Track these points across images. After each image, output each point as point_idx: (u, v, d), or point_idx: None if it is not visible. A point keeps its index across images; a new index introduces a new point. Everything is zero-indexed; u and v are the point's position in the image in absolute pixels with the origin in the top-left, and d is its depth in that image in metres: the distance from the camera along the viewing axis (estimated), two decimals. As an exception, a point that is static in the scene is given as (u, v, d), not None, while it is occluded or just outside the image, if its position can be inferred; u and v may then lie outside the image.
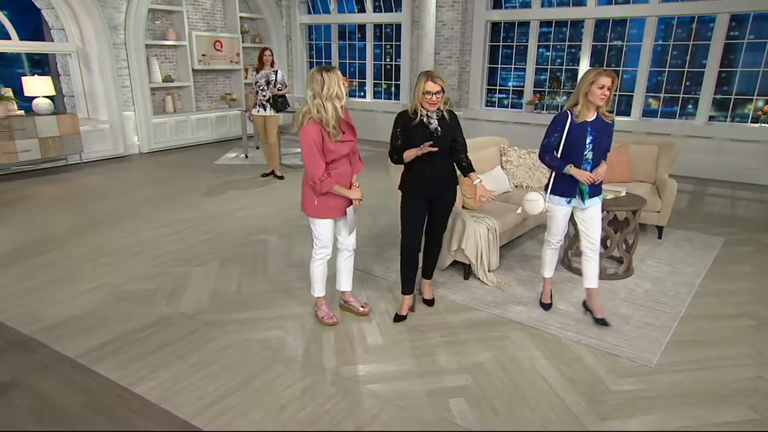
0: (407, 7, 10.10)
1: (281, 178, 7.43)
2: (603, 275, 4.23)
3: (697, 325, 3.55)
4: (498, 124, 9.49)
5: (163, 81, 9.53)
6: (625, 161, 5.48)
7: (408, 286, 3.56)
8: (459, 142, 3.37)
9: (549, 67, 9.52)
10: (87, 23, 8.38)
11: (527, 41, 9.50)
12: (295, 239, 5.04)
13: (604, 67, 3.35)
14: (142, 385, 2.79)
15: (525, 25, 9.49)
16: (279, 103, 7.22)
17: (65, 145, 7.76)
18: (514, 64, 9.76)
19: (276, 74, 7.14)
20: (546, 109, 9.46)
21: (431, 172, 3.34)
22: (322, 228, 3.28)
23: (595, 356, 3.17)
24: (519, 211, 3.73)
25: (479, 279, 4.12)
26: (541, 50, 9.59)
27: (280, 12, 11.55)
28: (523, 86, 9.68)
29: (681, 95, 8.47)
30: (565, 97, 9.40)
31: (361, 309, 3.63)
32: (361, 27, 11.18)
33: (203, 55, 9.94)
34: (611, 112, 3.34)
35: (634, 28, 8.70)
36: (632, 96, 8.71)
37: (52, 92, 7.75)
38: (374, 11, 10.82)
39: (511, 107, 9.96)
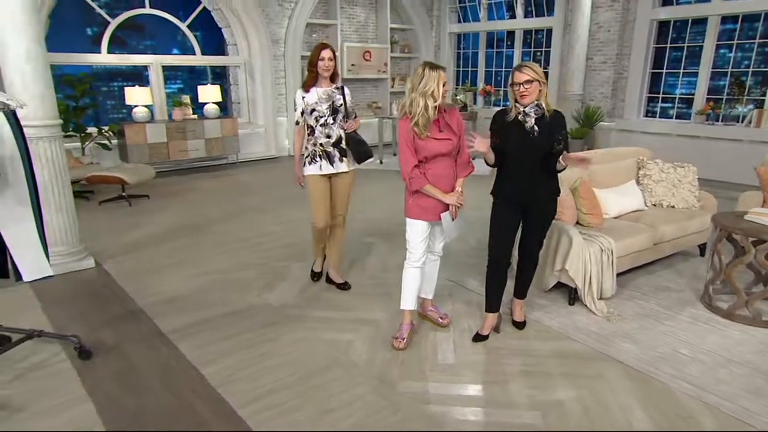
0: (560, 10, 9.44)
1: (345, 286, 3.98)
2: (758, 321, 3.40)
3: None
4: (657, 136, 8.32)
5: (314, 90, 10.22)
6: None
7: (493, 303, 3.23)
8: (557, 148, 2.94)
9: (730, 70, 8.08)
10: (254, 38, 9.36)
11: (703, 41, 8.20)
12: (399, 244, 4.94)
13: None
14: (209, 367, 2.92)
15: (701, 22, 8.21)
16: (359, 145, 3.71)
17: (225, 145, 8.74)
18: (684, 69, 8.50)
19: (343, 93, 3.69)
20: (721, 120, 8.04)
21: (525, 176, 2.99)
22: (412, 229, 3.13)
23: (717, 419, 2.51)
24: None
25: (586, 306, 3.58)
26: (721, 51, 8.20)
27: (430, 22, 11.66)
28: (693, 94, 8.37)
29: None
30: (751, 106, 7.89)
31: (440, 320, 3.39)
32: (511, 34, 10.75)
33: (352, 65, 10.45)
34: None
35: None
36: None
37: (219, 99, 8.82)
38: (525, 16, 10.32)
39: (677, 118, 8.68)
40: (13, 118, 2.88)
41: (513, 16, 10.55)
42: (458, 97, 9.42)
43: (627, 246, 3.76)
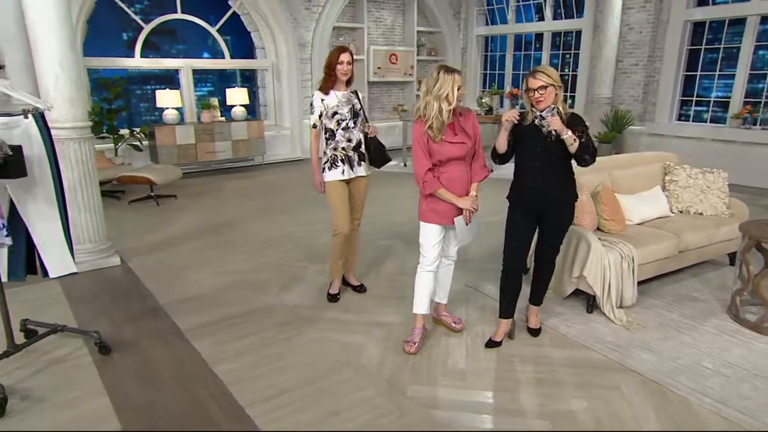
0: (590, 11, 9.26)
1: (360, 289, 4.00)
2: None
3: None
4: (690, 141, 8.06)
5: (340, 92, 10.29)
6: None
7: (506, 309, 3.19)
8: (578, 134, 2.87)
9: (769, 72, 7.78)
10: (281, 42, 9.50)
11: (741, 42, 7.90)
12: (418, 247, 4.93)
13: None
14: (223, 365, 2.97)
15: (739, 23, 7.92)
16: (381, 148, 3.71)
17: (251, 147, 8.88)
18: (720, 71, 8.21)
19: (359, 98, 3.66)
20: (758, 124, 7.74)
21: (541, 181, 2.95)
22: (426, 233, 3.11)
23: (737, 436, 2.42)
24: None
25: (605, 314, 3.49)
26: (761, 52, 7.89)
27: (458, 25, 11.60)
28: (729, 97, 8.09)
29: None
30: (791, 110, 7.59)
31: (454, 325, 3.36)
32: (539, 36, 10.61)
33: (378, 68, 10.48)
34: None
35: None
36: None
37: (246, 101, 8.98)
38: (554, 18, 10.17)
39: (711, 122, 8.39)
40: (41, 120, 3.00)
41: (542, 18, 10.41)
42: (483, 101, 9.32)
43: (649, 253, 3.65)
